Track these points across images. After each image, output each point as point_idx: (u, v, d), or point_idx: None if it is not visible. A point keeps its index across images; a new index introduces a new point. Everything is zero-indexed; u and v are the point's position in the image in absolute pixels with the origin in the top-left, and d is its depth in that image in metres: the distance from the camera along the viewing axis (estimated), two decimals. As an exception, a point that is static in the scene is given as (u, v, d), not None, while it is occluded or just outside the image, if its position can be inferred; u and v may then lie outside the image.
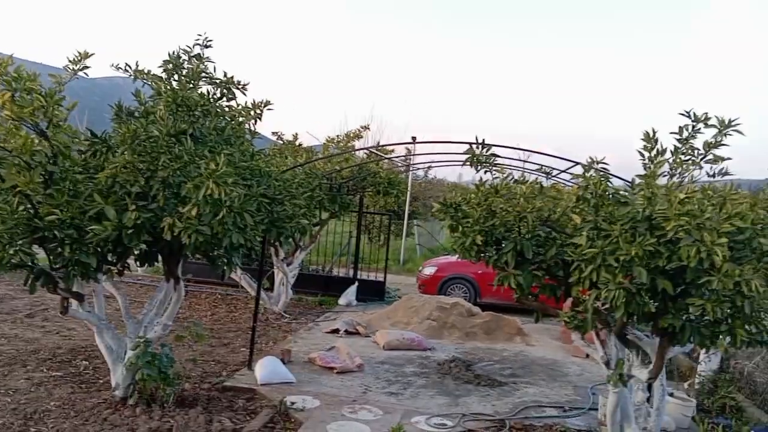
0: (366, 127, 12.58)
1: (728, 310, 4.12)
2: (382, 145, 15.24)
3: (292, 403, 6.29)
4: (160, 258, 5.74)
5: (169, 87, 5.52)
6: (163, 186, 4.89)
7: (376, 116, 42.52)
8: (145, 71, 5.90)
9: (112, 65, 5.99)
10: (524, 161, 10.37)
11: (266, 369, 7.02)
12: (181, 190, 4.77)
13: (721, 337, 4.42)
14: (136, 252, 5.31)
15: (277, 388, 6.76)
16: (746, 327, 4.29)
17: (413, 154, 13.55)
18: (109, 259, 5.41)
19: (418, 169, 20.11)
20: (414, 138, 14.76)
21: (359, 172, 11.65)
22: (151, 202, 4.93)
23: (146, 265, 5.55)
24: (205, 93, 5.66)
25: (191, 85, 5.55)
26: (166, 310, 6.07)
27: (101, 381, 6.58)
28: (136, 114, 5.50)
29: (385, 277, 13.57)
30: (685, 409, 6.52)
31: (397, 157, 13.64)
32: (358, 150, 12.83)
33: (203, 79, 5.66)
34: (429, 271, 13.46)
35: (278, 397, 6.32)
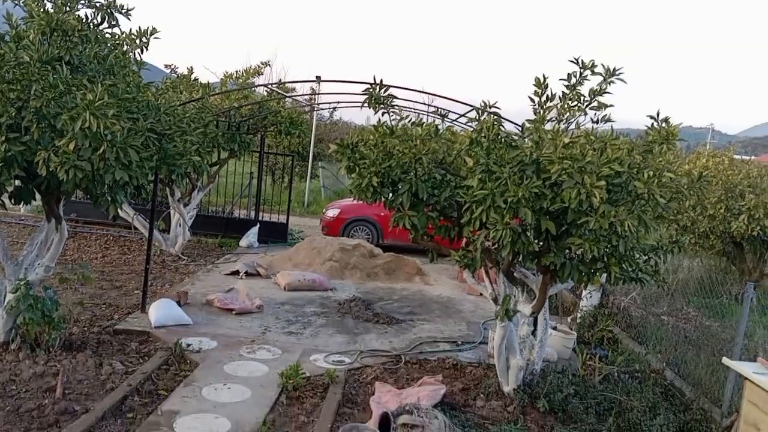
0: (267, 64, 12.13)
1: (605, 249, 4.39)
2: (284, 83, 14.81)
3: (188, 345, 6.20)
4: (39, 196, 5.37)
5: (42, 9, 5.03)
6: (37, 117, 4.50)
7: (281, 54, 41.12)
8: (17, -9, 5.34)
9: (-23, -17, 5.38)
10: (428, 105, 10.44)
11: (161, 311, 6.84)
12: (57, 122, 4.41)
13: (597, 274, 4.73)
14: (8, 189, 4.92)
15: (173, 330, 6.63)
16: (622, 265, 4.60)
17: (318, 94, 13.26)
18: (-21, 196, 5.00)
19: (323, 109, 19.80)
20: (318, 77, 14.45)
21: (259, 110, 11.28)
22: (24, 135, 4.54)
23: (22, 202, 5.17)
24: (84, 17, 5.21)
25: (67, 8, 5.08)
26: (47, 251, 5.73)
27: (-22, 326, 6.19)
28: (6, 38, 4.99)
29: (288, 219, 13.45)
30: (566, 341, 6.99)
31: (300, 95, 13.31)
32: (257, 86, 12.39)
33: (81, 2, 5.18)
34: (332, 213, 13.46)
35: (173, 340, 6.20)
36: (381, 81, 5.22)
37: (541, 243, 4.63)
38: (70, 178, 4.33)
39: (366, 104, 5.29)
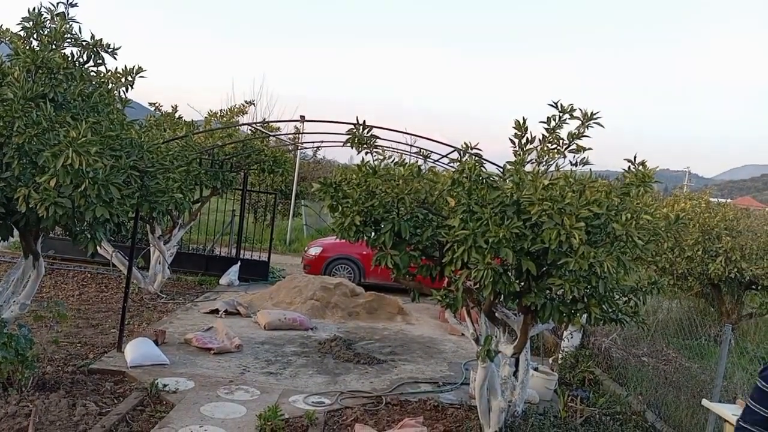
0: (251, 103, 12.22)
1: (585, 290, 4.43)
2: (269, 122, 14.92)
3: (164, 385, 6.08)
4: (17, 232, 5.31)
5: (28, 47, 5.07)
6: (19, 153, 4.49)
7: (265, 92, 41.41)
8: (2, 29, 5.39)
9: (-37, 19, 5.43)
10: (411, 145, 10.58)
11: (137, 350, 6.72)
12: (39, 159, 4.40)
13: (577, 314, 4.75)
14: (-13, 225, 4.87)
15: (149, 370, 6.50)
16: (602, 306, 4.63)
17: (302, 133, 13.37)
18: (-44, 232, 4.93)
19: (307, 148, 19.91)
20: (302, 117, 14.58)
21: (243, 148, 11.33)
22: (5, 171, 4.52)
23: (0, 239, 5.11)
24: (70, 55, 5.25)
25: (53, 46, 5.12)
26: (24, 288, 5.64)
27: (-52, 365, 6.03)
28: (-10, 75, 5.01)
29: (269, 257, 13.37)
30: (548, 383, 6.96)
31: (284, 134, 13.41)
32: (241, 125, 12.47)
33: (67, 40, 5.23)
34: (314, 251, 13.42)
35: (149, 380, 6.09)
36: (364, 122, 5.29)
37: (522, 283, 4.66)
38: (50, 215, 4.30)
39: (349, 144, 5.34)
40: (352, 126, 5.37)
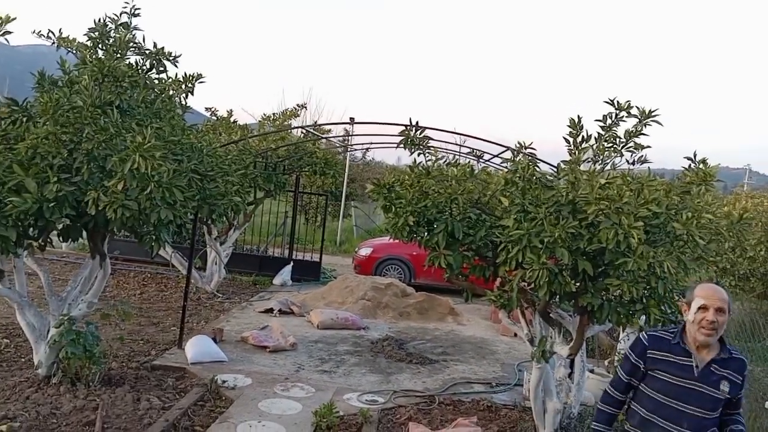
0: (303, 106, 12.42)
1: (644, 291, 4.34)
2: (320, 125, 15.13)
3: (224, 382, 6.26)
4: (85, 234, 5.56)
5: (94, 56, 5.31)
6: (88, 158, 4.71)
7: (314, 97, 42.02)
8: (70, 39, 5.66)
9: (34, 32, 5.72)
10: (460, 145, 10.58)
11: (197, 348, 6.94)
12: (107, 164, 4.61)
13: (636, 316, 4.66)
14: (58, 227, 5.12)
15: (209, 366, 6.70)
16: (661, 307, 4.53)
17: (351, 135, 13.50)
18: (30, 233, 5.19)
19: (356, 150, 20.07)
20: (352, 119, 14.71)
21: (295, 151, 11.54)
22: (75, 175, 4.75)
23: (69, 240, 5.36)
24: (134, 64, 5.47)
25: (118, 55, 5.35)
26: (91, 287, 5.89)
27: (23, 359, 6.36)
28: (60, 83, 5.27)
29: (320, 258, 13.56)
30: (603, 385, 6.81)
31: (334, 137, 13.60)
32: (294, 128, 12.69)
33: (131, 49, 5.45)
34: (365, 252, 13.53)
35: (209, 376, 6.27)
36: (417, 123, 5.32)
37: (578, 284, 4.60)
38: (118, 217, 4.50)
39: (402, 146, 5.38)
40: (403, 127, 5.41)
